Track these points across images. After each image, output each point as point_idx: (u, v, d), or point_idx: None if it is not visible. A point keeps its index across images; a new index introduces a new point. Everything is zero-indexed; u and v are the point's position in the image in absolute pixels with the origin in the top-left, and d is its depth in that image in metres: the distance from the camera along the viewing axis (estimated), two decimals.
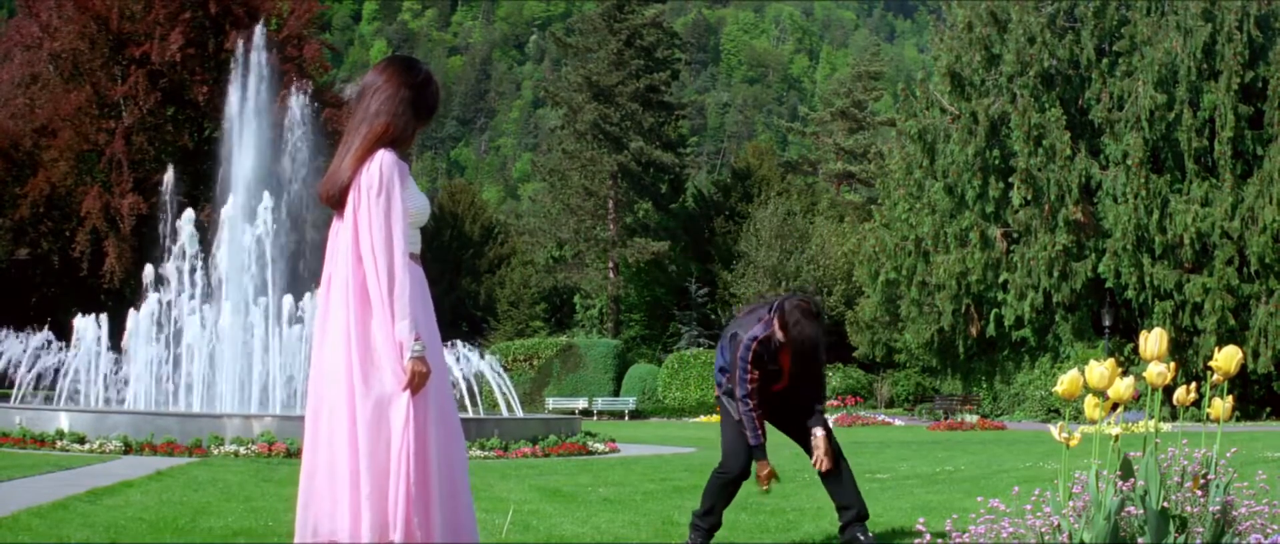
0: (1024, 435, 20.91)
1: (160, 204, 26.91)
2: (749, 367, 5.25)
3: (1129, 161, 31.74)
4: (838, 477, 5.39)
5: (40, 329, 19.38)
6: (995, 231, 34.09)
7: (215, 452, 11.91)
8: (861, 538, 5.27)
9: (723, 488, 5.43)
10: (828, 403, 36.23)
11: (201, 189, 37.91)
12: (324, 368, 3.46)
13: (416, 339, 3.37)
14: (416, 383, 3.36)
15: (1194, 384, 4.12)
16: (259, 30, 27.05)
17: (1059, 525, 3.67)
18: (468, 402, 17.78)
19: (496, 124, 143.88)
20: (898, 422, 31.27)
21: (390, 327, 3.39)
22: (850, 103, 63.37)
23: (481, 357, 19.67)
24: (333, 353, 3.45)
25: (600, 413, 39.23)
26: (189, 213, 19.93)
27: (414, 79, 3.64)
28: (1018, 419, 32.54)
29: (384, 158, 3.49)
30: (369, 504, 3.33)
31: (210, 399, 17.10)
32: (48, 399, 18.81)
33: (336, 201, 3.51)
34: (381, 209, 3.42)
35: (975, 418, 29.45)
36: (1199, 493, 3.69)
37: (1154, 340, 3.76)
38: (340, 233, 3.50)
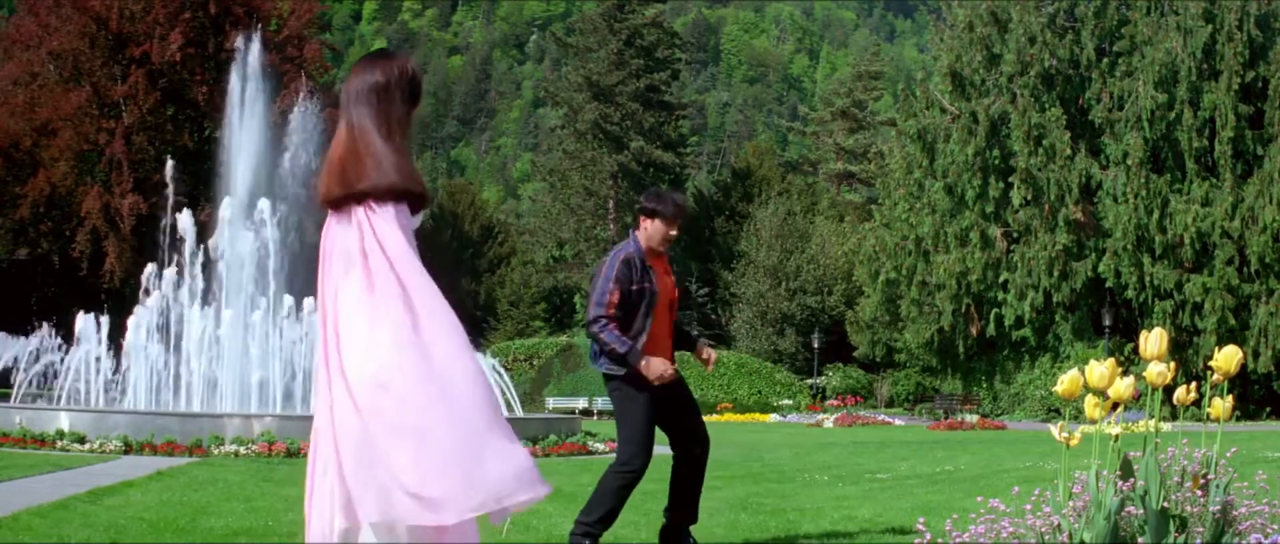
0: (1024, 435, 20.90)
1: (161, 204, 26.92)
2: (613, 285, 4.98)
3: (1129, 161, 31.74)
4: (696, 473, 5.23)
5: (40, 329, 19.37)
6: (995, 231, 34.09)
7: (215, 452, 11.91)
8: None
9: (622, 490, 5.01)
10: (828, 403, 35.86)
11: (201, 189, 37.92)
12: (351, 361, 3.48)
13: None
14: None
15: (1194, 384, 4.12)
16: (257, 32, 27.06)
17: (1059, 525, 3.67)
18: None
19: (496, 124, 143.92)
20: (898, 421, 31.26)
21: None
22: (850, 103, 63.40)
23: (483, 356, 19.67)
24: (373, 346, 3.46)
25: (600, 413, 39.21)
26: (187, 214, 19.95)
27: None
28: (1018, 419, 32.53)
29: None
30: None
31: (210, 399, 17.10)
32: (47, 399, 18.80)
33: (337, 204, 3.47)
34: None
35: (975, 418, 29.44)
36: (1199, 493, 3.69)
37: (1154, 340, 3.76)
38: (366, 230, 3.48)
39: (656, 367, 4.96)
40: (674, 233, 5.16)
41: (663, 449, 5.17)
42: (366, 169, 3.37)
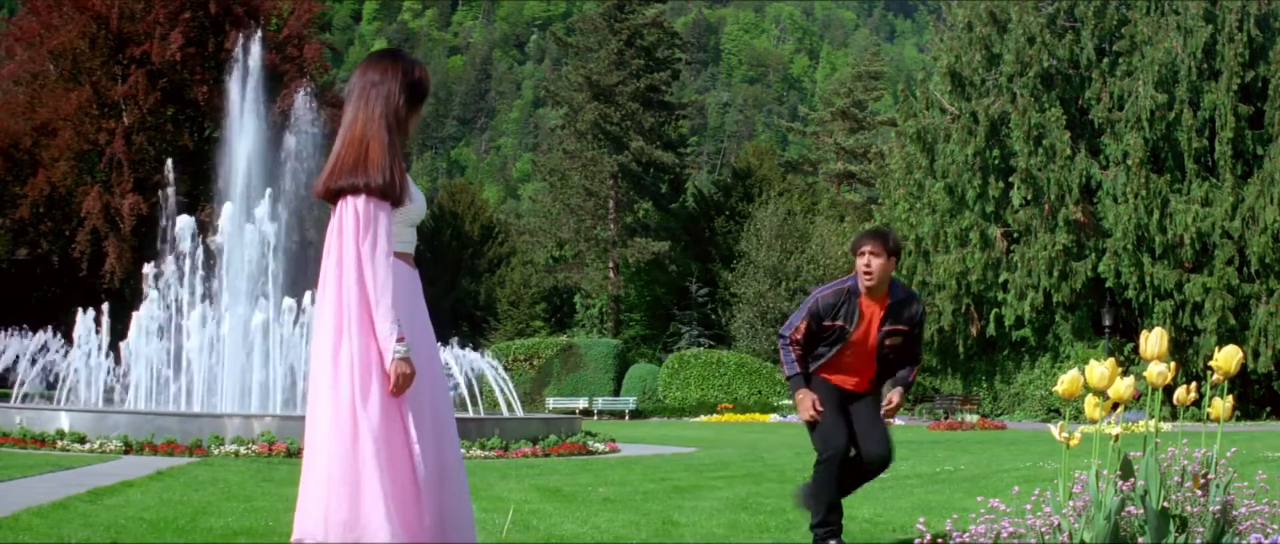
0: (1024, 435, 20.91)
1: (161, 203, 26.98)
2: (803, 319, 5.23)
3: (1129, 161, 31.75)
4: (853, 480, 5.28)
5: (40, 329, 19.38)
6: (995, 231, 34.10)
7: (215, 451, 11.91)
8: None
9: (827, 478, 5.15)
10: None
11: (201, 189, 37.92)
12: (316, 364, 3.46)
13: (399, 339, 3.33)
14: (399, 384, 3.32)
15: (1194, 384, 4.12)
16: (257, 32, 27.08)
17: (1059, 525, 3.67)
18: (468, 401, 17.79)
19: (496, 124, 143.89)
20: (897, 421, 31.25)
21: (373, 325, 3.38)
22: (850, 103, 63.34)
23: (481, 355, 19.69)
24: (323, 350, 3.44)
25: (600, 413, 39.22)
26: (186, 216, 19.96)
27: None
28: (1018, 419, 32.54)
29: None
30: (342, 503, 3.31)
31: (210, 399, 17.09)
32: (48, 399, 18.79)
33: (331, 199, 3.49)
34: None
35: (975, 418, 29.45)
36: (1199, 493, 3.70)
37: (1154, 340, 3.76)
38: (334, 230, 3.49)
39: (804, 405, 5.16)
40: (863, 260, 5.29)
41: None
42: (349, 167, 3.41)
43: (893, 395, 5.30)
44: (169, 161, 28.47)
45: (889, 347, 5.27)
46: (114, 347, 18.53)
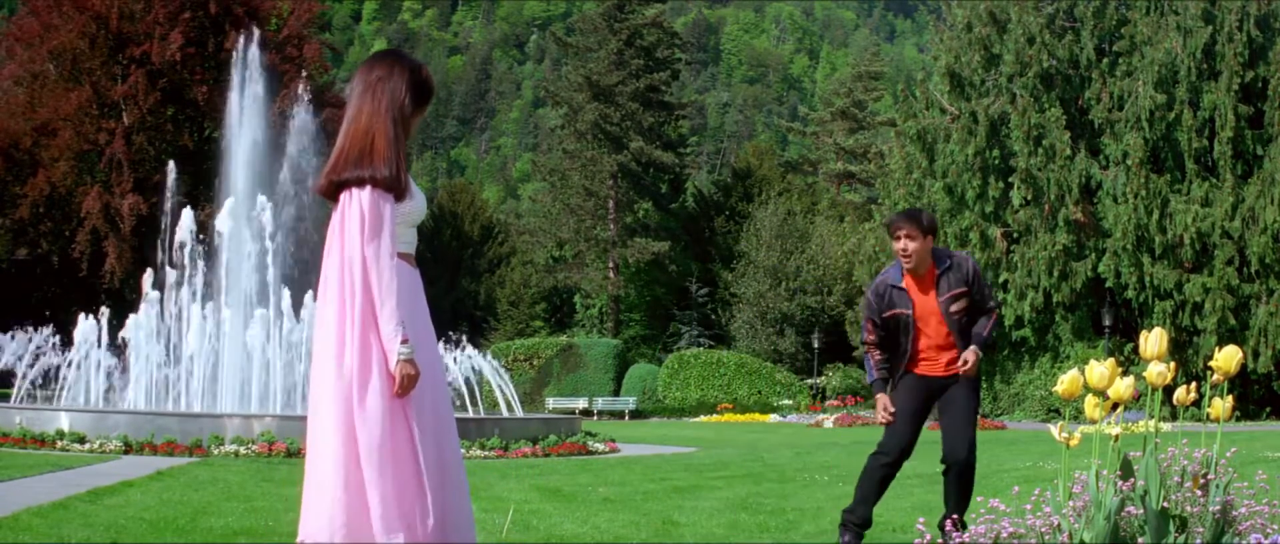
0: (1024, 435, 20.89)
1: (161, 204, 27.00)
2: (867, 320, 5.37)
3: (1129, 161, 31.75)
4: (950, 484, 5.26)
5: (41, 329, 19.38)
6: (995, 231, 34.08)
7: (215, 451, 11.92)
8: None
9: (870, 472, 5.27)
10: (828, 403, 35.27)
11: (201, 189, 37.92)
12: (317, 365, 3.46)
13: (403, 340, 3.32)
14: (404, 385, 3.31)
15: (1194, 384, 4.13)
16: (257, 32, 27.07)
17: (1059, 525, 3.67)
18: (468, 401, 17.80)
19: (496, 124, 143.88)
20: None
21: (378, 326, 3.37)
22: (850, 103, 63.35)
23: (483, 356, 19.71)
24: (323, 350, 3.43)
25: (600, 413, 39.22)
26: (188, 212, 19.97)
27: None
28: (1018, 419, 32.53)
29: None
30: (343, 505, 3.31)
31: (210, 399, 17.10)
32: (48, 399, 18.80)
33: (333, 195, 3.48)
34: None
35: None
36: (1199, 493, 3.70)
37: (1154, 340, 3.76)
38: (336, 228, 3.48)
39: (879, 409, 5.32)
40: (899, 244, 5.19)
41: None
42: (354, 159, 3.41)
43: (968, 355, 5.22)
44: (170, 164, 28.47)
45: (956, 313, 5.25)
46: (114, 347, 18.53)
